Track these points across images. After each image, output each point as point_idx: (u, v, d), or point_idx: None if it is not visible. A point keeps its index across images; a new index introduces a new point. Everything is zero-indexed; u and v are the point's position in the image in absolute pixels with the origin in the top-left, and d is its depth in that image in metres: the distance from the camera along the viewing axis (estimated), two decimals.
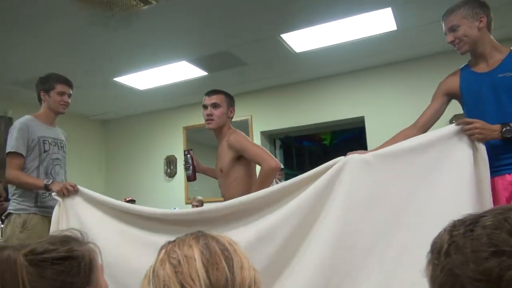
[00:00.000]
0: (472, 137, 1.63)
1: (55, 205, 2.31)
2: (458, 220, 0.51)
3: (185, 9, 3.57)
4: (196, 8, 3.59)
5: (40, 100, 2.52)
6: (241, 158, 2.21)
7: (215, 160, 2.43)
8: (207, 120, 2.32)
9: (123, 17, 3.56)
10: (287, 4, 3.59)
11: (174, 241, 0.73)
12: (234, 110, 2.42)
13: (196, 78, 5.34)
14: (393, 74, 5.32)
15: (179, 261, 0.66)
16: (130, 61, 4.69)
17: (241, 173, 2.22)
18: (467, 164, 1.60)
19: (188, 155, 2.49)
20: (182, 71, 5.07)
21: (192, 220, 1.97)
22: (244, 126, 6.15)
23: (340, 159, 1.75)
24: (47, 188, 2.22)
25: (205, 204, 5.49)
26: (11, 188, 2.42)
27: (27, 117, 2.45)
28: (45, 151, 2.42)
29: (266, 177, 2.05)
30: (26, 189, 2.33)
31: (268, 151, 2.20)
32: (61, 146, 2.55)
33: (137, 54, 4.47)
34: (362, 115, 5.39)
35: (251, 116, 6.13)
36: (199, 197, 5.52)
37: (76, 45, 4.15)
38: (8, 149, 2.32)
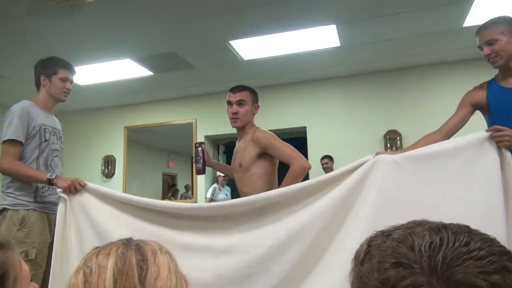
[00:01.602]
0: (501, 144, 1.67)
1: (55, 200, 2.10)
2: (381, 231, 0.54)
3: (134, 7, 3.49)
4: (144, 7, 3.52)
5: (38, 84, 2.28)
6: (265, 154, 2.15)
7: (234, 154, 2.36)
8: (233, 118, 2.23)
9: (66, 8, 3.40)
10: (236, 11, 3.64)
11: (99, 247, 0.71)
12: (258, 106, 2.36)
13: (141, 77, 5.22)
14: (335, 88, 5.57)
15: (91, 270, 0.65)
16: (70, 54, 4.46)
17: (262, 169, 2.16)
18: (495, 170, 1.64)
19: (199, 148, 2.43)
20: (126, 69, 4.92)
21: (213, 215, 1.83)
22: (188, 129, 6.09)
23: (369, 158, 1.75)
24: (50, 182, 1.99)
25: None
26: (4, 180, 2.14)
27: (26, 102, 2.19)
28: (45, 140, 2.20)
29: (296, 176, 2.01)
30: (24, 182, 2.09)
31: (297, 151, 2.12)
32: (59, 136, 2.34)
33: (78, 47, 4.27)
34: (304, 125, 5.57)
35: (196, 119, 6.09)
36: None
37: (13, 33, 3.88)
38: (6, 137, 2.06)
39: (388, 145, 5.15)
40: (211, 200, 5.65)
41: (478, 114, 2.22)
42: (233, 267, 1.68)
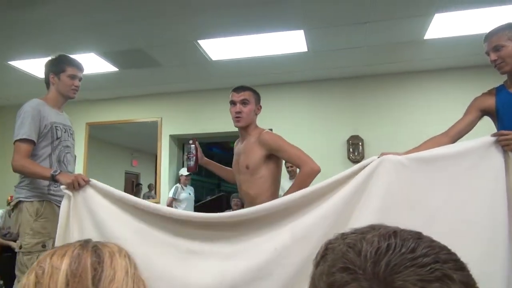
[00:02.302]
0: (507, 148, 1.69)
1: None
2: (341, 233, 0.55)
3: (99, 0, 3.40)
4: (111, 1, 3.42)
5: (48, 83, 2.33)
6: (271, 156, 2.14)
7: (235, 155, 2.33)
8: (236, 117, 2.22)
9: None
10: (205, 11, 3.62)
11: (55, 248, 0.69)
12: (261, 107, 2.34)
13: (105, 73, 5.07)
14: (302, 92, 5.65)
15: (43, 271, 0.63)
16: (30, 45, 4.28)
17: (268, 171, 2.15)
18: (500, 174, 1.66)
19: (192, 145, 2.39)
20: (90, 63, 4.76)
21: (221, 223, 1.80)
22: (153, 128, 5.99)
23: (374, 159, 1.73)
24: (54, 179, 1.99)
25: None
26: (19, 176, 2.19)
27: (37, 101, 2.22)
28: (57, 138, 2.24)
29: (305, 180, 2.00)
30: (33, 179, 2.12)
31: (306, 153, 2.11)
32: (70, 133, 2.38)
33: (39, 39, 4.10)
34: (270, 128, 5.60)
35: (161, 118, 6.00)
36: None
37: None
38: (19, 136, 2.09)
39: (351, 150, 5.28)
40: (174, 199, 5.57)
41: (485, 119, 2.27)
42: (239, 271, 1.67)
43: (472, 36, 4.28)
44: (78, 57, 4.53)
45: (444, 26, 4.01)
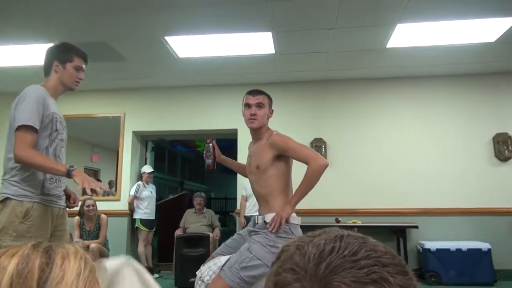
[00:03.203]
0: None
1: (59, 194, 2.06)
2: (299, 236, 0.57)
3: None
4: None
5: (48, 69, 2.14)
6: (281, 156, 2.21)
7: (248, 157, 2.39)
8: (251, 119, 2.29)
9: None
10: (173, 7, 3.59)
11: (8, 247, 0.68)
12: (273, 111, 2.42)
13: None
14: (269, 93, 5.69)
15: None
16: None
17: (279, 170, 2.21)
18: None
19: (210, 144, 2.49)
20: None
21: None
22: (116, 123, 5.84)
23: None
24: (68, 174, 1.88)
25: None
26: (6, 166, 1.96)
27: (41, 88, 2.04)
28: (56, 130, 2.08)
29: (314, 175, 2.07)
30: (40, 171, 1.96)
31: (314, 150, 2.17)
32: (64, 126, 2.20)
33: None
34: (235, 127, 5.63)
35: (124, 113, 5.87)
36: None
37: None
38: (22, 121, 1.89)
39: None
40: (135, 197, 5.47)
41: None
42: None
43: (430, 47, 4.50)
44: (35, 47, 4.39)
45: (405, 36, 4.19)
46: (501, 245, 4.81)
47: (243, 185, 5.25)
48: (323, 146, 5.39)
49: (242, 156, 5.35)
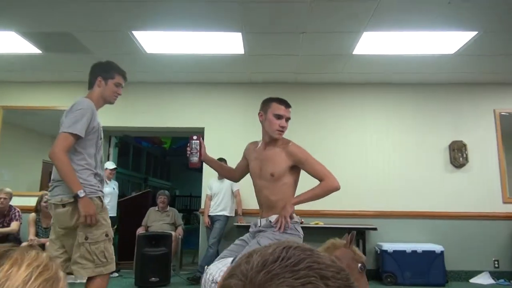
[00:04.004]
0: None
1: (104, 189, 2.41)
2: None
3: None
4: None
5: (92, 83, 2.43)
6: (294, 167, 2.28)
7: (255, 160, 2.40)
8: (279, 130, 2.32)
9: None
10: (143, 2, 3.52)
11: None
12: None
13: (27, 54, 4.70)
14: (236, 93, 5.71)
15: None
16: None
17: (291, 179, 2.29)
18: None
19: (197, 141, 2.44)
20: (8, 42, 4.38)
21: None
22: None
23: None
24: (76, 198, 2.17)
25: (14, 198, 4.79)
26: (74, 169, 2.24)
27: (90, 101, 2.32)
28: (100, 138, 2.36)
29: (324, 190, 2.25)
30: (84, 178, 2.25)
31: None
32: (103, 135, 2.49)
33: None
34: (202, 126, 5.60)
35: None
36: (7, 189, 4.75)
37: None
38: (71, 129, 2.18)
39: None
40: None
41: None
42: None
43: (394, 56, 4.66)
44: None
45: (371, 44, 4.32)
46: (453, 247, 5.06)
47: (209, 184, 5.24)
48: None
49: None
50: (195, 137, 2.44)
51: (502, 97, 5.55)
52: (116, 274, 5.06)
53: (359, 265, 2.22)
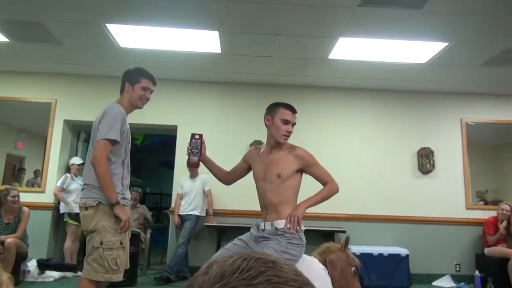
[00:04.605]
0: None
1: (129, 197, 2.45)
2: None
3: None
4: None
5: (122, 90, 2.49)
6: (299, 170, 2.36)
7: (260, 164, 2.43)
8: (286, 135, 2.38)
9: None
10: None
11: None
12: None
13: None
14: (212, 93, 5.67)
15: None
16: None
17: (295, 182, 2.36)
18: None
19: (199, 140, 2.42)
20: None
21: None
22: (46, 110, 5.47)
23: None
24: (112, 205, 2.24)
25: None
26: (92, 174, 2.30)
27: (121, 107, 2.39)
28: (129, 143, 2.43)
29: (330, 193, 2.38)
30: (100, 183, 2.27)
31: None
32: (131, 139, 2.53)
33: None
34: (176, 124, 5.52)
35: (56, 100, 5.51)
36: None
37: None
38: (109, 136, 2.25)
39: None
40: (63, 189, 5.16)
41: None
42: None
43: (368, 62, 4.74)
44: None
45: (346, 49, 4.38)
46: (418, 251, 5.20)
47: (180, 182, 5.17)
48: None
49: (181, 155, 5.26)
50: (197, 136, 2.43)
51: (469, 107, 5.76)
52: (80, 273, 4.91)
53: (353, 268, 2.31)
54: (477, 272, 5.01)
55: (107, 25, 3.99)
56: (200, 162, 2.49)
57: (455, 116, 5.73)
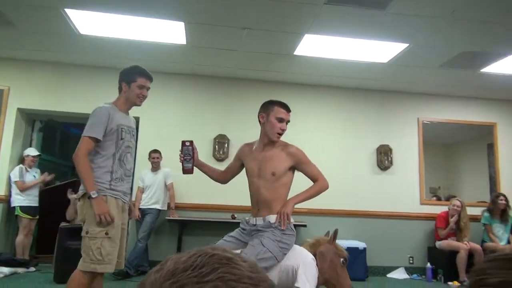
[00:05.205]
0: None
1: (125, 190, 2.50)
2: None
3: None
4: None
5: (120, 89, 2.59)
6: (291, 167, 2.44)
7: (254, 161, 2.49)
8: (280, 133, 2.45)
9: None
10: None
11: None
12: None
13: None
14: (175, 84, 5.56)
15: None
16: None
17: (288, 179, 2.45)
18: None
19: (190, 147, 2.49)
20: None
21: None
22: None
23: None
24: (88, 197, 2.32)
25: None
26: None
27: (108, 106, 2.49)
28: (121, 139, 2.46)
29: (320, 190, 2.49)
30: (97, 174, 2.39)
31: None
32: (133, 135, 2.59)
33: None
34: (137, 115, 5.37)
35: (9, 87, 5.21)
36: None
37: None
38: (89, 133, 2.37)
39: (217, 147, 5.41)
40: (22, 182, 4.90)
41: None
42: None
43: (332, 60, 4.82)
44: None
45: (311, 46, 4.43)
46: (375, 244, 5.39)
47: (141, 176, 5.05)
48: (226, 143, 5.44)
49: (142, 147, 5.13)
50: (187, 143, 2.49)
51: (426, 107, 6.01)
52: (33, 269, 4.71)
53: (342, 259, 2.51)
54: (428, 264, 5.26)
55: (66, 10, 3.81)
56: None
57: (412, 115, 5.96)
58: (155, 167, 4.98)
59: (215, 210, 5.25)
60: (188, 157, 2.47)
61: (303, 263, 2.23)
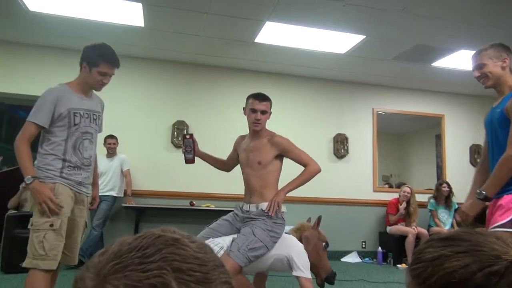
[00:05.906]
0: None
1: (80, 180, 2.29)
2: None
3: None
4: None
5: (80, 66, 2.32)
6: (278, 156, 2.54)
7: (244, 151, 2.61)
8: (255, 123, 2.52)
9: None
10: None
11: None
12: (271, 113, 2.65)
13: None
14: (132, 69, 5.38)
15: None
16: None
17: (275, 167, 2.55)
18: None
19: (190, 140, 2.62)
20: None
21: None
22: None
23: None
24: (26, 184, 2.13)
25: None
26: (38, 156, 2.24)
27: (59, 87, 2.26)
28: (75, 125, 2.25)
29: (311, 175, 2.55)
30: (48, 160, 2.22)
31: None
32: (94, 119, 2.34)
33: None
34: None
35: None
36: None
37: None
38: (31, 119, 2.17)
39: (175, 134, 5.34)
40: None
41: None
42: None
43: (293, 49, 4.87)
44: None
45: (272, 34, 4.44)
46: (330, 230, 5.54)
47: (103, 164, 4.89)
48: (185, 129, 5.38)
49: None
50: (187, 136, 2.65)
51: (380, 98, 6.23)
52: None
53: (324, 244, 2.68)
54: (379, 248, 5.52)
55: None
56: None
57: (367, 105, 6.17)
58: (111, 153, 4.84)
59: (173, 197, 5.20)
60: (189, 148, 2.64)
61: (296, 252, 2.40)
